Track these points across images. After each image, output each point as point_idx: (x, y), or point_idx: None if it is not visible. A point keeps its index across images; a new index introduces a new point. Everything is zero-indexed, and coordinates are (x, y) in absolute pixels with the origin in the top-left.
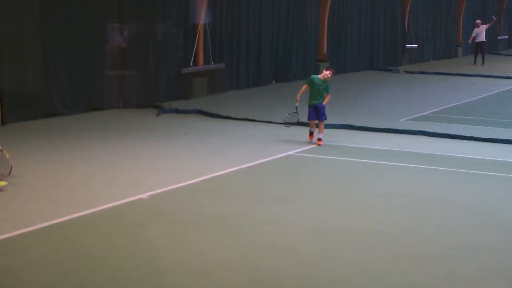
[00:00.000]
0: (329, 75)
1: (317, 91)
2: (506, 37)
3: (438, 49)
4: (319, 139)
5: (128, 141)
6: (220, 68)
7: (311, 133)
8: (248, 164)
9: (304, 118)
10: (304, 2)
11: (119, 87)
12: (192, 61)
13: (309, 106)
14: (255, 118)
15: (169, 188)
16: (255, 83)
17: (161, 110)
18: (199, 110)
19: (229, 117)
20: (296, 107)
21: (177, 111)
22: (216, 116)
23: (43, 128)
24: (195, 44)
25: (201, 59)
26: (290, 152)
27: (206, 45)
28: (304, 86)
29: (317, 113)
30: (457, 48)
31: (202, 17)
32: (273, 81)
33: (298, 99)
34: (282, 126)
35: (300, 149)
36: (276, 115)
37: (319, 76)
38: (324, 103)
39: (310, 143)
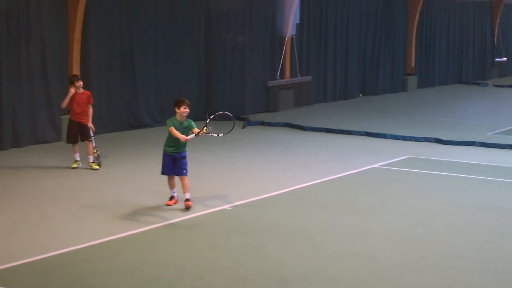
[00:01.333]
0: (186, 112)
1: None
2: None
3: None
4: (187, 199)
5: (212, 153)
6: (307, 80)
7: (171, 197)
8: (332, 177)
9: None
10: (392, 15)
11: (204, 100)
12: (278, 74)
13: (164, 154)
14: (341, 131)
15: (252, 199)
16: (342, 96)
17: (247, 123)
18: (286, 123)
19: (315, 130)
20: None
21: (263, 123)
22: (302, 128)
23: (131, 138)
24: (282, 57)
25: (287, 72)
26: (376, 165)
27: (293, 58)
28: (172, 129)
29: (174, 166)
30: None
31: (289, 30)
32: (360, 94)
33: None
34: (369, 139)
35: (386, 162)
36: (362, 128)
37: (176, 118)
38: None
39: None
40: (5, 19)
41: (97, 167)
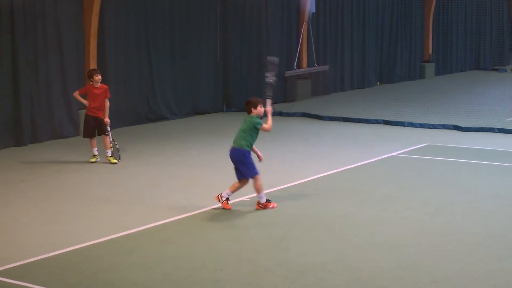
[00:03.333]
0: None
1: (242, 127)
2: None
3: None
4: (261, 202)
5: (230, 144)
6: (324, 70)
7: (226, 198)
8: (351, 166)
9: None
10: (409, 2)
11: (222, 92)
12: (295, 64)
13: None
14: (359, 119)
15: (270, 190)
16: (360, 84)
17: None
18: (303, 113)
19: (333, 119)
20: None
21: (280, 113)
22: (320, 118)
23: (149, 132)
24: (299, 47)
25: (305, 62)
26: (394, 153)
27: (309, 47)
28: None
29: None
30: None
31: (305, 19)
32: (378, 83)
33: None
34: (387, 127)
35: (404, 150)
36: (380, 116)
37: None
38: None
39: (410, 143)
40: (22, 15)
41: (115, 160)
